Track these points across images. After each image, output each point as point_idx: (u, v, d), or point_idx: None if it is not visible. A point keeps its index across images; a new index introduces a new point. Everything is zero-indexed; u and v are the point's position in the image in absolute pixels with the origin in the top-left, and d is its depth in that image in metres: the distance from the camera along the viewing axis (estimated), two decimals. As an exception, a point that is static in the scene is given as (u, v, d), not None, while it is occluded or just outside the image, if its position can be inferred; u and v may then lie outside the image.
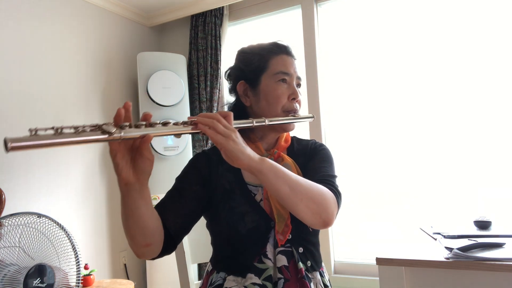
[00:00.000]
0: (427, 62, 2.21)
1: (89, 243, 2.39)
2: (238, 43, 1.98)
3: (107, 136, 0.65)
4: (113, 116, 0.69)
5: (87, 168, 2.42)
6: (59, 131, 0.61)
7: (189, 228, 0.99)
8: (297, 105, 1.05)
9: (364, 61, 2.40)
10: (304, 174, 1.01)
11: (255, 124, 0.92)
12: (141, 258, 0.93)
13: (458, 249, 1.06)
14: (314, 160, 1.05)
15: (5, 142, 0.55)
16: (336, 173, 1.03)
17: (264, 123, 0.94)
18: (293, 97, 1.03)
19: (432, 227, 1.38)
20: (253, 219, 0.96)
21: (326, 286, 1.02)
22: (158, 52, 2.86)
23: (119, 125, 0.68)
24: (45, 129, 0.60)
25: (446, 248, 1.11)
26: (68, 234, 1.88)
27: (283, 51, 1.06)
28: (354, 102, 2.43)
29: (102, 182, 2.53)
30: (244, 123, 0.90)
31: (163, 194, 1.00)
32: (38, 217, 1.81)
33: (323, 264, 1.07)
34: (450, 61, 2.16)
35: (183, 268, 1.22)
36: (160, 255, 0.91)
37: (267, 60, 1.04)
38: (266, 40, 1.10)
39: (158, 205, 0.95)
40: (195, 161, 1.05)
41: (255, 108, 1.05)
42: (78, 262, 1.89)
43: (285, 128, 1.05)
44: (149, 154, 0.74)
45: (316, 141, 1.13)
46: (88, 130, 0.63)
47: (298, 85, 1.07)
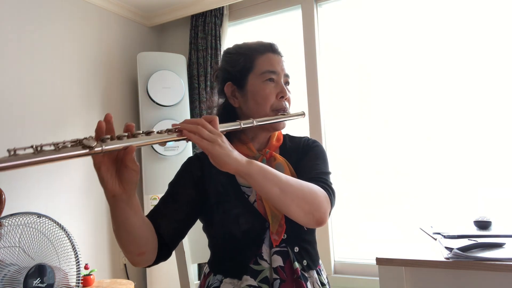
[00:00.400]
0: (429, 62, 2.21)
1: (89, 243, 2.39)
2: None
3: (88, 151, 0.65)
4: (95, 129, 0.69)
5: (87, 168, 2.42)
6: (39, 149, 0.60)
7: (184, 233, 0.98)
8: (286, 103, 1.03)
9: (364, 61, 2.40)
10: (297, 172, 1.00)
11: (243, 126, 0.90)
12: (137, 266, 0.93)
13: (458, 249, 1.06)
14: (307, 158, 1.03)
15: None
16: (330, 170, 1.02)
17: (252, 124, 0.93)
18: (282, 95, 1.01)
19: (432, 227, 1.38)
20: (248, 221, 0.95)
21: (323, 285, 1.01)
22: (158, 52, 2.86)
23: (100, 138, 0.67)
24: (24, 148, 0.59)
25: (446, 248, 1.11)
26: (68, 234, 1.88)
27: (269, 50, 1.04)
28: (354, 102, 2.43)
29: (102, 182, 2.52)
30: (231, 126, 0.89)
31: (163, 194, 1.00)
32: (38, 217, 1.81)
33: (321, 262, 1.06)
34: (451, 62, 2.16)
35: (183, 268, 1.22)
36: (156, 262, 0.91)
37: (253, 60, 1.02)
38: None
39: (151, 213, 0.94)
40: (188, 165, 1.04)
41: (244, 109, 1.03)
42: (78, 262, 1.89)
43: (276, 127, 1.03)
44: (134, 165, 0.73)
45: (309, 138, 1.11)
46: (69, 146, 0.63)
47: (287, 83, 1.05)
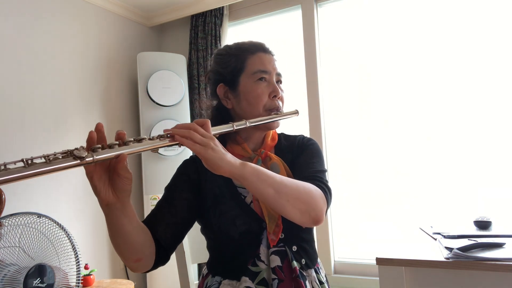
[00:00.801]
0: (429, 62, 2.22)
1: (89, 243, 2.39)
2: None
3: (80, 161, 0.65)
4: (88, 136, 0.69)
5: (87, 168, 2.42)
6: (30, 163, 0.60)
7: (182, 237, 0.98)
8: (279, 102, 1.02)
9: (364, 61, 2.40)
10: (293, 171, 1.00)
11: (236, 128, 0.90)
12: (135, 272, 0.93)
13: (458, 249, 1.06)
14: (303, 156, 1.03)
15: None
16: (326, 167, 1.01)
17: (245, 125, 0.92)
18: (274, 95, 1.01)
19: (432, 227, 1.38)
20: (245, 222, 0.95)
21: (322, 283, 1.01)
22: (158, 52, 2.86)
23: (91, 148, 0.67)
24: (15, 162, 0.59)
25: (446, 248, 1.11)
26: (68, 234, 1.88)
27: (259, 49, 1.03)
28: (354, 102, 2.43)
29: (102, 182, 2.52)
30: (224, 128, 0.88)
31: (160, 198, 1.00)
32: (38, 217, 1.81)
33: (319, 260, 1.06)
34: (451, 62, 2.16)
35: (183, 268, 1.21)
36: (154, 267, 0.90)
37: (244, 60, 1.02)
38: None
39: (148, 218, 0.94)
40: (184, 168, 1.03)
41: (237, 110, 1.03)
42: (78, 262, 1.89)
43: (269, 127, 1.03)
44: (126, 173, 0.72)
45: (304, 136, 1.11)
46: (60, 157, 0.63)
47: (279, 82, 1.05)
